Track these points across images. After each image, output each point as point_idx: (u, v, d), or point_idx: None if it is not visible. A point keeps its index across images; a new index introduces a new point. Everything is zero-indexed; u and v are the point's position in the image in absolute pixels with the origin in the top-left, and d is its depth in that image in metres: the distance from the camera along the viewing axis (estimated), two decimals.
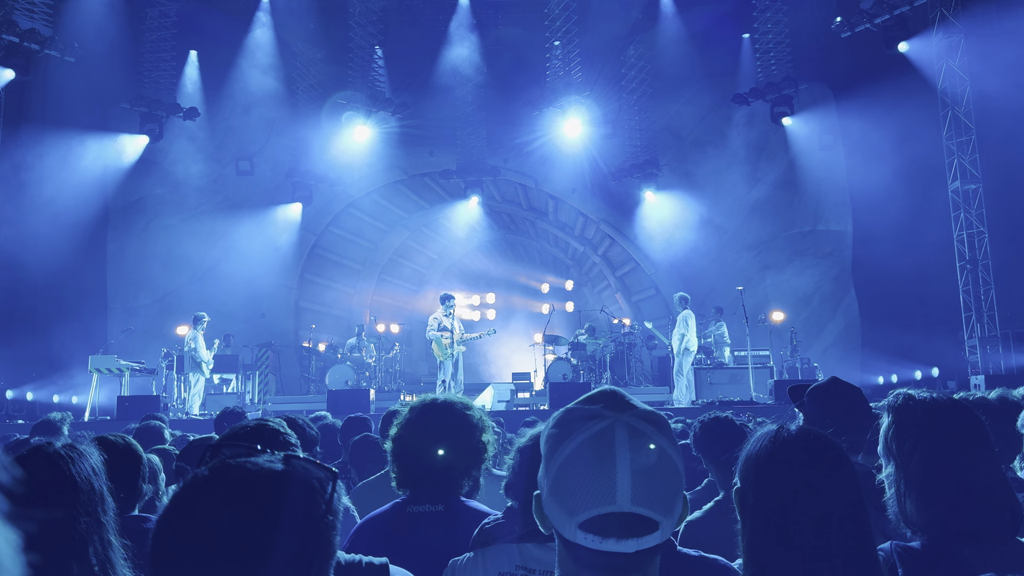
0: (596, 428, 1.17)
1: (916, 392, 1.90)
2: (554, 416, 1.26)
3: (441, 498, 2.40)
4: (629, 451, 1.14)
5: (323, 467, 1.06)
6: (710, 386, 13.27)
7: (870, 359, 17.20)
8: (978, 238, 15.29)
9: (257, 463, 1.01)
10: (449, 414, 2.48)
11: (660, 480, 1.14)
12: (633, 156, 18.57)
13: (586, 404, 1.23)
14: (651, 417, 1.20)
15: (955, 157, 15.41)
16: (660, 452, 1.16)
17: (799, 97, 17.58)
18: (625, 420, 1.17)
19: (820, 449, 1.53)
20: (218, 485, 0.99)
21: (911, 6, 15.05)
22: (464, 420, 2.48)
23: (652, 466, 1.14)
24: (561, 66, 17.50)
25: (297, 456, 1.05)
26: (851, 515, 1.46)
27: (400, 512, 2.40)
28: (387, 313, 18.87)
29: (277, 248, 18.56)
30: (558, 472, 1.17)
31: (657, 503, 1.13)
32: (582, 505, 1.13)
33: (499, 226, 19.87)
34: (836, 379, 3.00)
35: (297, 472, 1.02)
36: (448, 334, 13.40)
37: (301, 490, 1.01)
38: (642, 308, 19.20)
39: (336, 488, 1.05)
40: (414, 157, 19.34)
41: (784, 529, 1.45)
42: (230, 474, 1.00)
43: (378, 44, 17.86)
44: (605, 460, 1.13)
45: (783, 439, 1.54)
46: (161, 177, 18.34)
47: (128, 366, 13.42)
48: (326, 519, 1.02)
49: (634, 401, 1.23)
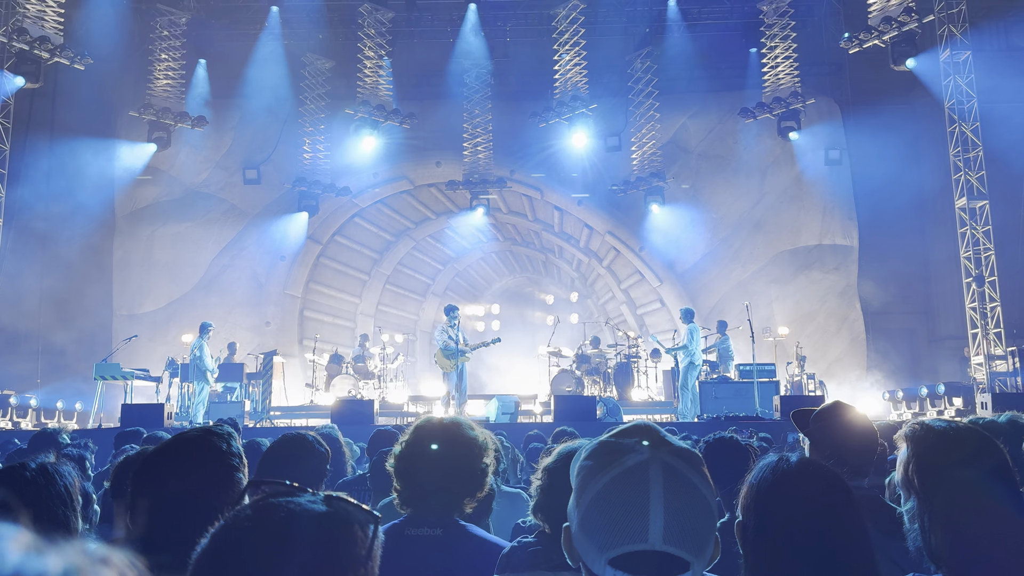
0: (631, 463, 1.16)
1: (934, 422, 1.87)
2: (587, 447, 1.24)
3: (440, 522, 2.35)
4: (663, 489, 1.12)
5: (365, 510, 1.04)
6: (715, 400, 13.20)
7: (875, 375, 17.16)
8: (984, 255, 15.25)
9: (300, 504, 0.99)
10: (452, 434, 2.43)
11: (693, 520, 1.13)
12: (639, 168, 18.60)
13: (621, 438, 1.22)
14: (686, 455, 1.19)
15: (962, 173, 15.39)
16: (695, 491, 1.15)
17: (806, 112, 17.60)
18: (661, 457, 1.16)
19: (821, 481, 1.50)
20: (260, 527, 0.97)
21: (919, 23, 15.08)
22: (467, 440, 2.44)
23: (686, 505, 1.13)
24: (568, 78, 17.55)
25: (340, 498, 1.03)
26: (854, 549, 1.43)
27: (398, 534, 2.35)
28: (392, 323, 18.87)
29: (283, 257, 18.61)
30: (589, 505, 1.16)
31: (690, 543, 1.11)
32: (613, 541, 1.11)
33: (504, 237, 19.88)
34: (839, 403, 2.98)
35: (339, 515, 1.00)
36: (453, 344, 13.39)
37: (343, 534, 0.99)
38: (647, 321, 19.17)
39: (377, 533, 1.03)
40: (421, 167, 19.39)
41: (785, 565, 1.41)
42: (272, 515, 0.98)
43: (386, 55, 17.94)
44: (639, 497, 1.12)
45: (783, 471, 1.50)
46: (168, 185, 18.41)
47: (132, 374, 13.42)
48: (367, 564, 1.00)
49: (669, 437, 1.22)
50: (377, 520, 1.04)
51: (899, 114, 15.86)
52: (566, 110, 17.43)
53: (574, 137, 17.67)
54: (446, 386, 13.71)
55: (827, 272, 18.33)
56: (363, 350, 16.59)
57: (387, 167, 18.89)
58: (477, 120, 18.68)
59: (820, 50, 16.99)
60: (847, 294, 18.19)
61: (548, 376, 16.08)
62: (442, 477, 2.36)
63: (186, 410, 14.07)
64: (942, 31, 15.14)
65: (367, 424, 11.17)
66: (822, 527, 1.42)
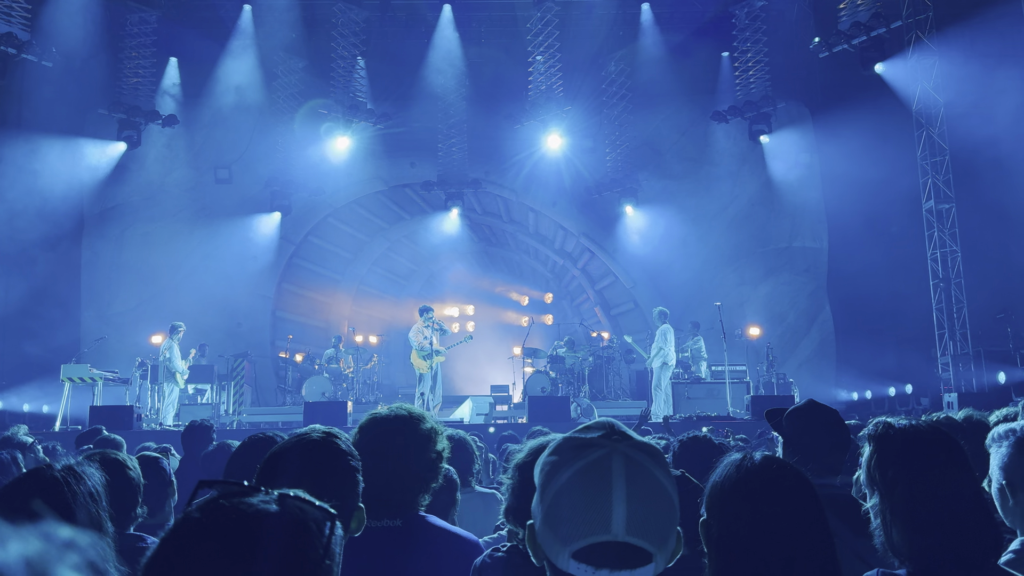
0: (592, 457, 1.17)
1: (895, 420, 1.91)
2: (551, 444, 1.25)
3: (399, 513, 2.31)
4: (625, 481, 1.13)
5: (320, 507, 1.02)
6: (688, 400, 13.34)
7: (844, 375, 17.38)
8: (951, 257, 15.51)
9: (250, 504, 0.97)
10: (400, 427, 2.40)
11: (655, 511, 1.14)
12: (613, 171, 18.69)
13: (583, 433, 1.23)
14: (648, 449, 1.20)
15: (929, 177, 15.64)
16: (656, 483, 1.16)
17: (777, 115, 17.80)
18: (622, 450, 1.17)
19: (783, 480, 1.49)
20: (208, 529, 0.95)
21: (887, 28, 15.31)
22: (416, 431, 2.40)
23: (648, 497, 1.14)
24: (543, 80, 17.60)
25: (295, 496, 1.00)
26: (817, 547, 1.43)
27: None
28: (366, 324, 18.79)
29: (255, 257, 18.43)
30: (552, 500, 1.17)
31: (652, 534, 1.13)
32: (576, 533, 1.12)
33: (479, 238, 19.89)
34: (813, 401, 3.02)
35: (292, 513, 0.98)
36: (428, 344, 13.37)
37: (296, 533, 0.97)
38: (621, 322, 19.27)
39: (335, 530, 1.01)
40: (395, 168, 19.32)
41: (749, 563, 1.41)
42: (220, 516, 0.95)
43: (360, 55, 17.86)
44: (601, 489, 1.13)
45: (746, 469, 1.50)
46: (138, 184, 18.17)
47: (101, 375, 13.24)
48: (323, 563, 0.98)
49: (631, 433, 1.23)
50: (334, 517, 1.03)
51: (868, 118, 16.06)
52: (541, 112, 17.47)
53: (548, 139, 17.72)
54: (420, 387, 13.68)
55: (797, 274, 18.55)
56: (337, 351, 16.51)
57: (361, 167, 18.80)
58: (452, 121, 18.66)
59: (791, 54, 17.18)
60: (817, 295, 18.42)
61: (522, 377, 16.12)
62: (394, 472, 2.32)
63: (156, 412, 13.91)
64: (910, 36, 15.38)
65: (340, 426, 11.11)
66: (785, 525, 1.43)
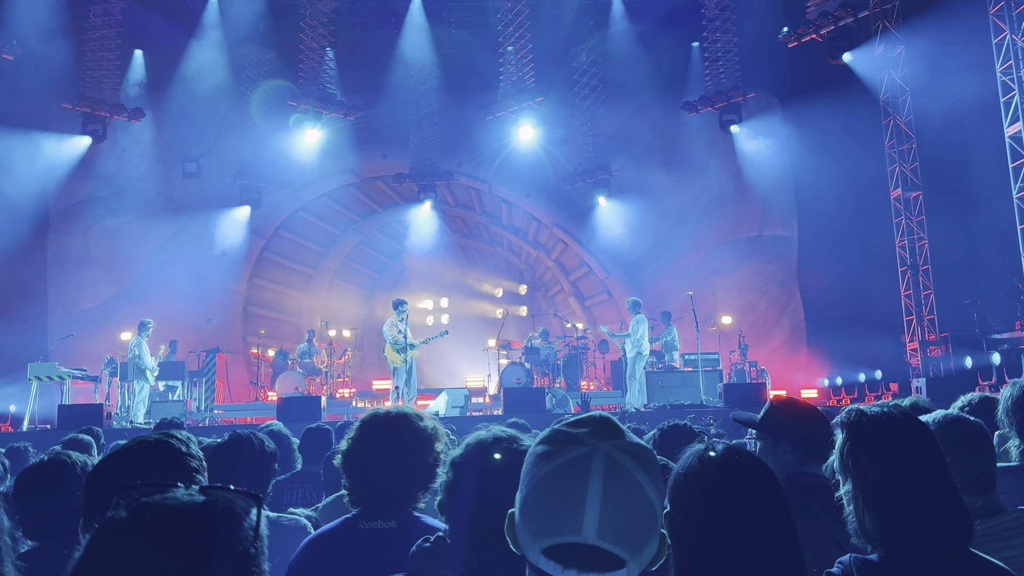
0: (575, 454, 1.14)
1: (867, 407, 1.92)
2: (542, 434, 1.23)
3: (394, 514, 2.31)
4: (603, 483, 1.10)
5: (245, 494, 1.03)
6: (661, 389, 13.40)
7: (815, 362, 17.61)
8: (919, 244, 15.74)
9: (176, 498, 0.97)
10: (400, 426, 2.39)
11: (632, 517, 1.10)
12: (586, 162, 18.72)
13: (572, 427, 1.20)
14: (635, 450, 1.16)
15: (896, 165, 15.85)
16: (636, 488, 1.12)
17: (747, 105, 17.93)
18: (605, 450, 1.14)
19: (745, 469, 1.48)
20: (138, 527, 0.94)
21: (855, 18, 15.46)
22: (416, 432, 2.39)
23: (625, 501, 1.10)
24: (514, 71, 17.54)
25: (216, 487, 1.02)
26: (779, 536, 1.42)
27: (351, 529, 2.31)
28: (339, 318, 18.65)
29: (225, 252, 18.22)
30: (529, 492, 1.15)
31: (625, 540, 1.09)
32: (547, 530, 1.10)
33: (452, 230, 19.82)
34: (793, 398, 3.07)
35: (219, 503, 0.99)
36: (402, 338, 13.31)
37: (224, 521, 0.98)
38: (595, 312, 19.33)
39: (260, 515, 1.02)
40: (366, 160, 19.18)
41: (713, 554, 1.40)
42: (148, 514, 0.95)
43: (329, 46, 17.67)
44: (577, 488, 1.10)
45: (708, 460, 1.49)
46: (104, 179, 17.87)
47: (69, 373, 13.03)
48: (253, 547, 1.00)
49: (623, 431, 1.19)
50: (259, 501, 1.04)
51: (836, 107, 16.24)
52: (512, 103, 17.43)
53: (521, 130, 17.69)
54: (395, 381, 13.62)
55: (768, 262, 18.72)
56: (310, 346, 16.39)
57: (332, 160, 18.65)
58: (423, 112, 18.56)
59: (760, 44, 17.28)
60: (787, 283, 18.61)
61: (497, 369, 16.12)
62: (393, 471, 2.31)
63: (126, 410, 13.72)
64: (876, 26, 15.55)
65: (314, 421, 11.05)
66: (747, 515, 1.42)
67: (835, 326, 16.83)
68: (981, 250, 17.05)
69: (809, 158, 17.18)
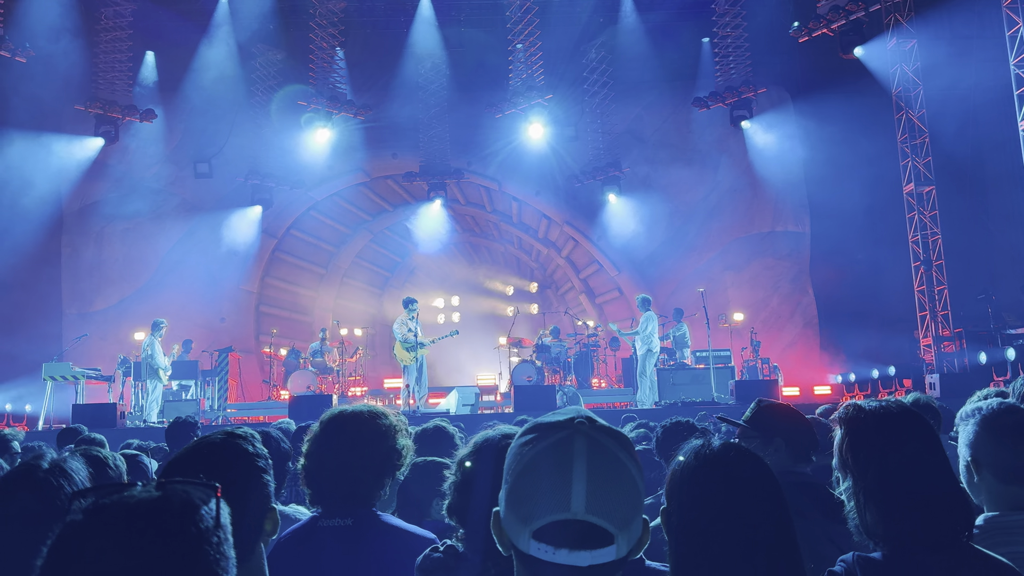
0: (556, 437, 1.17)
1: (865, 403, 1.91)
2: (523, 428, 1.26)
3: (351, 511, 2.30)
4: (587, 460, 1.14)
5: (204, 485, 1.04)
6: (673, 387, 13.36)
7: (828, 358, 17.50)
8: (932, 239, 15.62)
9: (132, 496, 0.98)
10: (356, 423, 2.39)
11: (617, 492, 1.14)
12: (596, 159, 18.68)
13: (550, 417, 1.23)
14: (613, 433, 1.20)
15: (909, 159, 15.72)
16: (619, 465, 1.16)
17: (757, 101, 17.84)
18: (586, 431, 1.17)
19: (741, 465, 1.47)
20: (96, 526, 0.95)
21: (866, 12, 15.35)
22: (373, 428, 2.39)
23: (609, 476, 1.14)
24: (524, 69, 17.53)
25: (175, 480, 1.03)
26: (777, 532, 1.41)
27: (312, 527, 2.32)
28: (350, 317, 18.71)
29: (236, 252, 18.31)
30: (515, 480, 1.17)
31: (613, 514, 1.12)
32: (536, 512, 1.12)
33: (463, 228, 19.83)
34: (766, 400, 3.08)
35: (176, 496, 1.00)
36: (412, 336, 13.34)
37: (183, 512, 0.99)
38: (606, 310, 19.29)
39: (220, 504, 1.04)
40: (377, 159, 19.23)
41: (710, 550, 1.40)
42: (105, 514, 0.96)
43: (339, 45, 17.71)
44: (562, 467, 1.13)
45: (704, 456, 1.48)
46: (117, 180, 18.00)
47: (83, 373, 13.14)
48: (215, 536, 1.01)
49: (599, 420, 1.23)
50: (216, 489, 1.05)
51: (848, 101, 16.12)
52: (522, 100, 17.41)
53: (530, 127, 17.67)
54: (406, 379, 13.65)
55: (780, 258, 18.63)
56: (322, 344, 16.45)
57: (342, 159, 18.70)
58: (433, 111, 18.57)
59: (771, 39, 17.19)
60: (800, 280, 18.51)
61: (508, 367, 16.12)
62: (348, 468, 2.31)
63: (140, 409, 13.81)
64: (888, 20, 15.42)
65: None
66: (744, 511, 1.41)
67: (848, 322, 16.73)
68: (995, 245, 16.90)
69: (821, 153, 17.08)
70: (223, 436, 1.89)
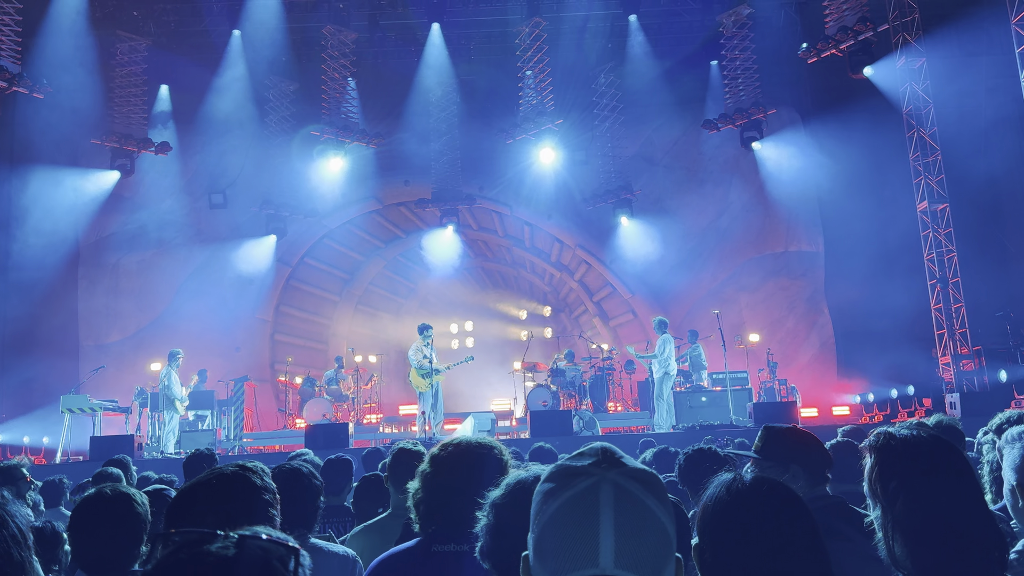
0: (581, 486, 1.14)
1: (896, 430, 1.88)
2: (546, 471, 1.23)
3: (466, 539, 2.26)
4: (614, 511, 1.11)
5: (282, 544, 1.02)
6: (690, 410, 13.28)
7: (846, 378, 17.35)
8: (947, 256, 15.51)
9: (209, 551, 0.97)
10: (487, 455, 2.44)
11: (647, 543, 1.11)
12: (607, 182, 18.73)
13: (575, 460, 1.20)
14: (641, 476, 1.17)
15: (922, 177, 15.67)
16: (648, 513, 1.13)
17: (768, 122, 17.86)
18: (612, 478, 1.14)
19: (775, 499, 1.44)
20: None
21: (874, 31, 15.37)
22: (497, 461, 2.44)
23: (638, 527, 1.11)
24: (534, 95, 17.64)
25: (254, 536, 1.01)
26: (811, 567, 1.39)
27: (424, 551, 2.35)
28: (365, 344, 18.74)
29: (251, 281, 18.43)
30: (542, 531, 1.14)
31: (643, 566, 1.09)
32: (564, 567, 1.09)
33: (476, 253, 19.88)
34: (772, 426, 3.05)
35: (254, 556, 0.98)
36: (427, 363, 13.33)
37: (261, 574, 0.97)
38: (620, 333, 19.24)
39: (300, 563, 1.02)
40: (389, 187, 19.36)
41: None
42: (183, 571, 0.95)
43: (351, 76, 17.91)
44: (589, 520, 1.10)
45: (736, 491, 1.45)
46: (133, 212, 18.19)
47: (101, 405, 13.20)
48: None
49: (626, 459, 1.20)
50: (297, 552, 1.03)
51: (859, 121, 16.12)
52: (532, 126, 17.51)
53: (541, 152, 17.76)
54: (421, 406, 13.63)
55: (795, 278, 18.55)
56: (337, 372, 16.47)
57: (355, 187, 18.83)
58: (444, 138, 18.71)
59: (779, 61, 17.25)
60: (815, 299, 18.41)
61: (523, 391, 16.08)
62: (473, 500, 2.34)
63: (157, 440, 13.85)
64: (897, 39, 15.45)
65: (342, 447, 11.08)
66: (779, 545, 1.38)
67: (865, 341, 16.60)
68: (1012, 260, 16.77)
69: (833, 173, 17.05)
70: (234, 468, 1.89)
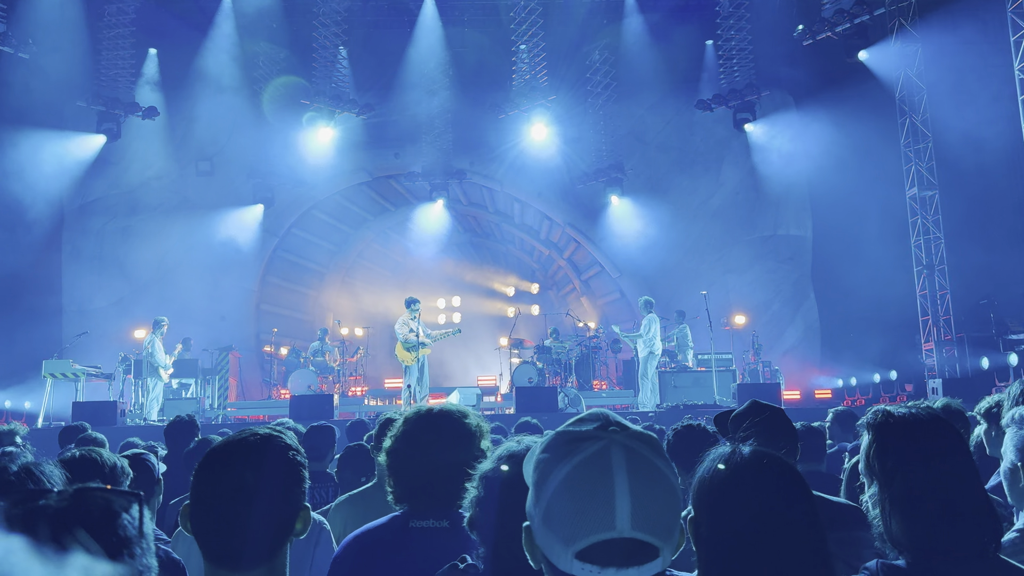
0: (591, 450, 1.12)
1: (894, 408, 1.87)
2: (543, 440, 1.20)
3: (445, 513, 2.27)
4: (627, 473, 1.09)
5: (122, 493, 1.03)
6: (674, 389, 13.34)
7: (829, 362, 17.48)
8: (935, 243, 15.60)
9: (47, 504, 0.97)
10: (447, 423, 2.37)
11: (660, 503, 1.10)
12: (598, 160, 18.66)
13: (576, 426, 1.18)
14: (646, 438, 1.16)
15: (912, 164, 15.71)
16: (659, 474, 1.12)
17: (761, 103, 17.83)
18: (620, 440, 1.13)
19: (774, 472, 1.43)
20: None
21: (871, 15, 15.32)
22: (463, 428, 2.36)
23: (651, 488, 1.10)
24: (527, 70, 17.50)
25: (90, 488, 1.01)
26: (810, 541, 1.38)
27: (402, 527, 2.28)
28: (351, 316, 18.69)
29: (238, 250, 18.26)
30: (552, 499, 1.12)
31: (658, 527, 1.09)
32: (580, 532, 1.08)
33: (465, 229, 19.81)
34: (756, 402, 3.05)
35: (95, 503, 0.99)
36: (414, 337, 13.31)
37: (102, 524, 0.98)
38: (607, 312, 19.28)
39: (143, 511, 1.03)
40: (379, 159, 19.20)
41: (742, 560, 1.36)
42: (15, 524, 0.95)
43: (342, 44, 17.68)
44: (602, 483, 1.09)
45: (735, 463, 1.43)
46: (119, 177, 17.97)
47: (84, 371, 13.11)
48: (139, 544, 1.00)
49: (625, 422, 1.19)
50: (140, 498, 1.04)
51: (852, 105, 16.10)
52: (525, 101, 17.38)
53: (533, 128, 17.64)
54: (407, 379, 13.62)
55: (782, 261, 18.61)
56: (322, 344, 16.42)
57: (345, 158, 18.66)
58: (436, 111, 18.54)
59: (775, 42, 17.16)
60: (801, 283, 18.49)
61: (509, 368, 16.11)
62: (443, 468, 2.27)
63: (140, 407, 13.79)
64: (892, 23, 15.41)
65: (327, 419, 11.06)
66: (777, 519, 1.37)
67: (850, 326, 16.71)
68: (998, 249, 16.87)
69: (824, 157, 17.05)
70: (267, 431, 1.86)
